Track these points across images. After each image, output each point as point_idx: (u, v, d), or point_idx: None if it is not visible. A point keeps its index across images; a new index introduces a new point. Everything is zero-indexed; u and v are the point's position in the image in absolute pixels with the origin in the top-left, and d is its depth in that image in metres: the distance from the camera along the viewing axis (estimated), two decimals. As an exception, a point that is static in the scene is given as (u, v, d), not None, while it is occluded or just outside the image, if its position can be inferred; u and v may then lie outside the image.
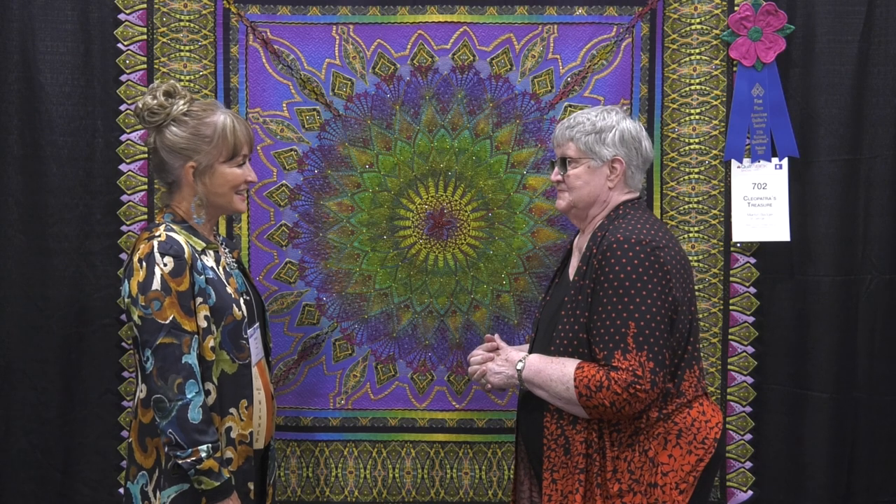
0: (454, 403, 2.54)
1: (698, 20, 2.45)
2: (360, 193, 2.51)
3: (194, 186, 1.93)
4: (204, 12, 2.46)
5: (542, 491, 1.91)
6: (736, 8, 2.42)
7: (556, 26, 2.46)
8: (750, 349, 2.49)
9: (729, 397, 2.49)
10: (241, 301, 1.95)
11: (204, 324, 1.86)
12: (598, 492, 1.83)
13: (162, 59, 2.45)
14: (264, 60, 2.47)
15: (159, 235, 1.86)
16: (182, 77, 2.45)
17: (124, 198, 2.46)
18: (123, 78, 2.44)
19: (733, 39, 2.43)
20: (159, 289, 1.81)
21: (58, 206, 2.43)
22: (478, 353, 2.12)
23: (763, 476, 2.51)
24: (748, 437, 2.50)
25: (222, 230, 2.47)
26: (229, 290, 1.92)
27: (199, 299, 1.86)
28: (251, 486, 1.93)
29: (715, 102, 2.46)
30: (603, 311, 1.82)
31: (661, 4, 2.45)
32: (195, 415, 1.80)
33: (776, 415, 2.49)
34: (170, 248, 1.84)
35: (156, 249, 1.83)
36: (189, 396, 1.80)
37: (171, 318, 1.81)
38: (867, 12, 2.41)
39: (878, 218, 2.45)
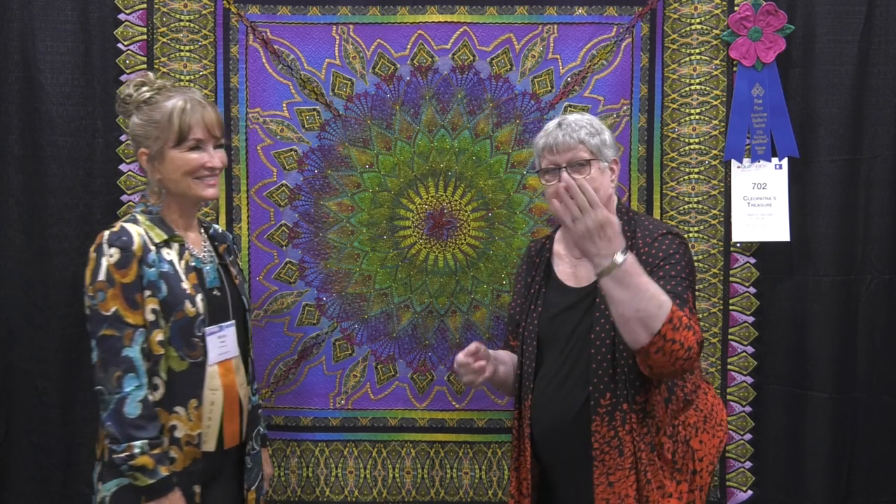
0: (454, 403, 2.54)
1: (698, 20, 2.45)
2: (360, 193, 2.51)
3: (151, 173, 1.92)
4: (204, 12, 2.46)
5: (596, 497, 1.85)
6: (736, 8, 2.43)
7: (556, 26, 2.46)
8: (750, 349, 2.49)
9: (729, 397, 2.49)
10: (199, 297, 1.89)
11: (151, 317, 1.82)
12: (649, 487, 1.84)
13: (162, 59, 2.45)
14: (264, 60, 2.47)
15: (115, 226, 1.86)
16: (182, 77, 2.45)
17: (124, 198, 2.46)
18: (123, 78, 2.43)
19: (733, 39, 2.43)
20: (104, 279, 1.80)
21: (58, 206, 2.43)
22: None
23: (763, 476, 2.51)
24: (748, 437, 2.50)
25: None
26: (185, 285, 1.87)
27: (148, 292, 1.82)
28: (197, 489, 1.88)
29: (715, 102, 2.46)
30: (662, 280, 1.80)
31: (661, 4, 2.45)
32: (132, 409, 1.77)
33: (776, 415, 2.49)
34: (117, 239, 1.82)
35: (105, 240, 1.83)
36: (127, 390, 1.77)
37: (113, 309, 1.79)
38: (867, 12, 2.41)
39: (878, 218, 2.44)
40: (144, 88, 1.93)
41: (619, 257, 1.66)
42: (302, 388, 2.53)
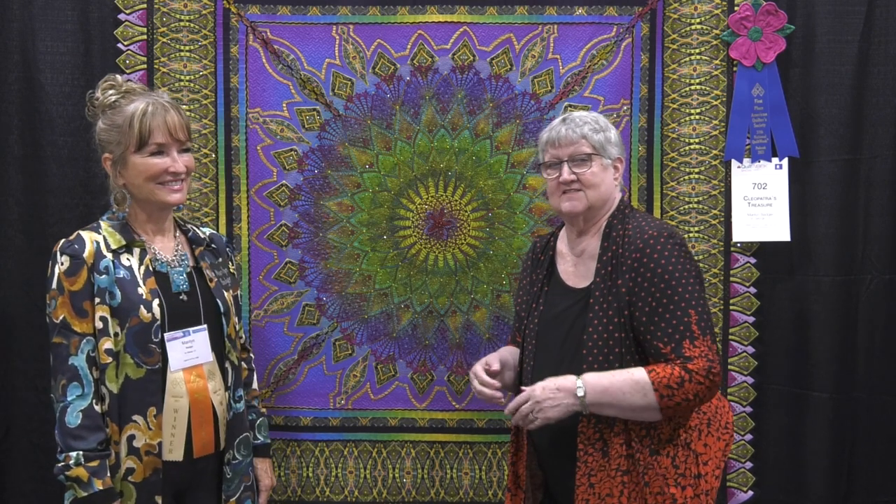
0: (454, 403, 2.54)
1: (698, 20, 2.45)
2: (360, 193, 2.51)
3: (115, 179, 1.89)
4: (204, 12, 2.46)
5: (576, 497, 1.86)
6: (736, 8, 2.43)
7: (556, 26, 2.46)
8: (750, 349, 2.49)
9: (729, 397, 2.49)
10: (155, 303, 1.84)
11: (100, 325, 1.79)
12: (647, 490, 1.83)
13: (162, 59, 2.45)
14: (264, 60, 2.47)
15: (71, 234, 1.85)
16: (182, 77, 2.45)
17: (124, 198, 2.46)
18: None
19: (733, 39, 2.43)
20: (55, 287, 1.79)
21: (58, 206, 2.43)
22: (492, 390, 1.99)
23: (763, 476, 2.51)
24: (748, 437, 2.50)
25: (221, 231, 2.47)
26: (141, 290, 1.83)
27: (98, 300, 1.79)
28: (159, 499, 1.83)
29: (715, 102, 2.46)
30: (659, 306, 1.82)
31: (661, 4, 2.45)
32: (72, 419, 1.75)
33: (776, 415, 2.49)
34: (69, 246, 1.81)
35: (58, 248, 1.82)
36: (69, 399, 1.76)
37: (61, 317, 1.78)
38: (867, 12, 2.42)
39: (878, 218, 2.45)
40: (111, 92, 1.89)
41: (579, 391, 1.81)
42: (302, 388, 2.53)
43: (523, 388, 1.90)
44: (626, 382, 1.79)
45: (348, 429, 2.54)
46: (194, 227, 2.08)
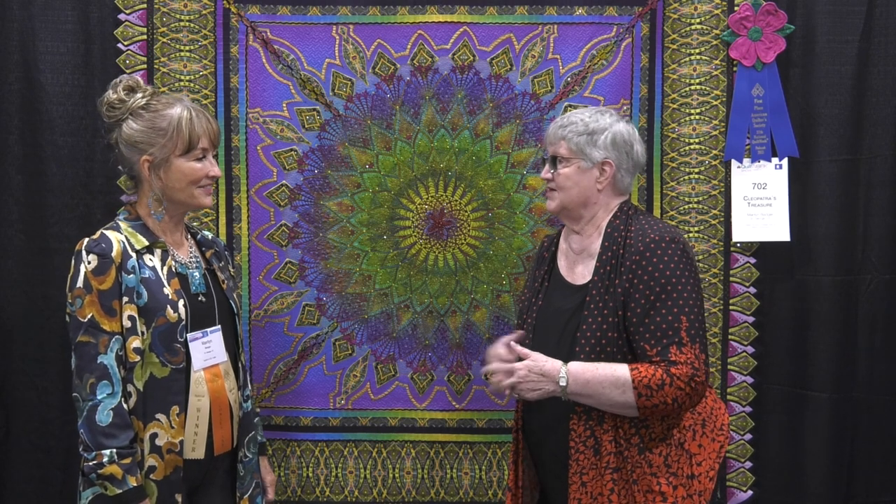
0: (454, 403, 2.54)
1: (698, 20, 2.45)
2: (360, 193, 2.51)
3: (151, 181, 1.89)
4: (204, 12, 2.46)
5: (569, 496, 1.87)
6: (736, 8, 2.43)
7: (556, 26, 2.46)
8: (750, 349, 2.49)
9: (729, 397, 2.49)
10: (181, 303, 1.87)
11: (128, 324, 1.81)
12: (636, 488, 1.83)
13: (162, 59, 2.45)
14: (264, 60, 2.47)
15: (95, 233, 1.86)
16: (182, 77, 2.45)
17: (124, 198, 2.45)
18: (123, 78, 2.44)
19: (733, 39, 2.43)
20: (82, 286, 1.80)
21: (58, 206, 2.43)
22: (499, 362, 1.97)
23: (763, 476, 2.51)
24: (748, 437, 2.50)
25: (221, 231, 2.47)
26: (167, 290, 1.86)
27: (126, 299, 1.81)
28: (179, 497, 1.85)
29: (715, 102, 2.46)
30: (651, 309, 1.82)
31: (661, 4, 2.45)
32: (103, 417, 1.76)
33: (776, 415, 2.49)
34: (96, 245, 1.82)
35: (83, 247, 1.83)
36: (99, 397, 1.76)
37: (89, 316, 1.79)
38: (867, 12, 2.42)
39: (878, 218, 2.45)
40: (138, 95, 1.90)
41: (561, 381, 1.84)
42: (302, 388, 2.53)
43: (514, 346, 1.94)
44: (608, 377, 1.81)
45: (348, 429, 2.54)
46: (199, 230, 2.12)
